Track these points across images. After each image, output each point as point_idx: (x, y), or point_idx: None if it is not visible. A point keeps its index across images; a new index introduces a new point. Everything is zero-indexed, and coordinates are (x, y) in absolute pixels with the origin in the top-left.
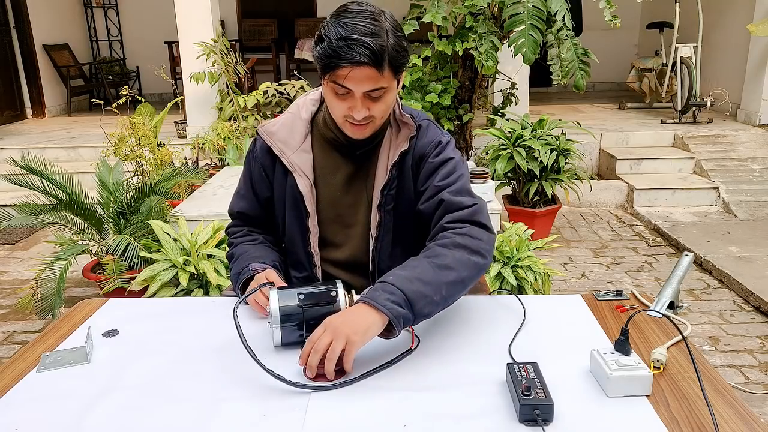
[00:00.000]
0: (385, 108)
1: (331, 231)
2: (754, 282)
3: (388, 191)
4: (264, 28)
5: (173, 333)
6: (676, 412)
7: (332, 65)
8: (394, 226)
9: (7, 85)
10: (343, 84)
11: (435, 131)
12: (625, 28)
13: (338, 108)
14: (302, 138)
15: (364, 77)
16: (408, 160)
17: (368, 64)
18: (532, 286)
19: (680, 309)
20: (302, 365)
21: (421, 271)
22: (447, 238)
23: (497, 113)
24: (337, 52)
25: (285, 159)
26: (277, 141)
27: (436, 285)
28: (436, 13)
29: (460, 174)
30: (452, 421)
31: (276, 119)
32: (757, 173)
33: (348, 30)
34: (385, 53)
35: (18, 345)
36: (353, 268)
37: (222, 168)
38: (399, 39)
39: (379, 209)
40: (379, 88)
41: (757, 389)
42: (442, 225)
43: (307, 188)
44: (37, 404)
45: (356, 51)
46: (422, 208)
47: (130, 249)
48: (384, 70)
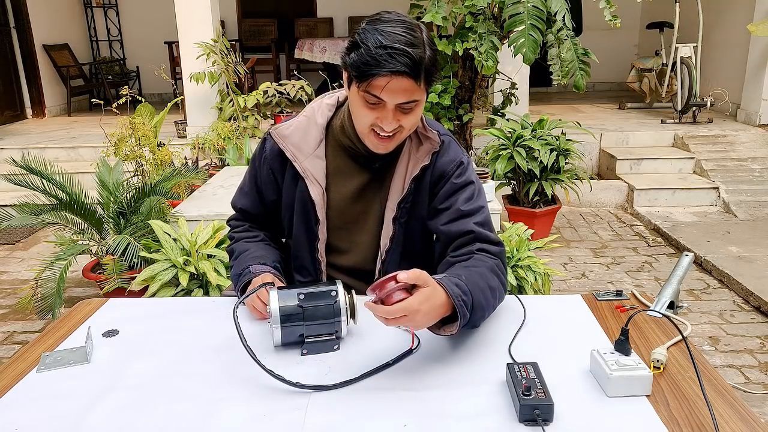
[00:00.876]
0: (415, 121)
1: (337, 237)
2: (754, 282)
3: (404, 204)
4: (264, 28)
5: (173, 333)
6: (676, 412)
7: (370, 73)
8: (404, 239)
9: (7, 85)
10: (379, 95)
11: (456, 150)
12: (625, 28)
13: (366, 118)
14: (316, 143)
15: (400, 89)
16: (427, 176)
17: (408, 74)
18: (532, 286)
19: (680, 309)
20: (371, 294)
21: (483, 284)
22: (486, 261)
23: (497, 113)
24: (378, 60)
25: (297, 164)
26: (289, 145)
27: (486, 299)
28: (436, 13)
29: (482, 204)
30: (452, 421)
31: (289, 122)
32: (757, 173)
33: (388, 39)
34: (423, 65)
35: (18, 345)
36: (357, 274)
37: (222, 168)
38: (434, 53)
39: (394, 222)
40: (413, 101)
41: (757, 389)
42: (473, 250)
43: (319, 196)
44: (37, 404)
45: (398, 60)
46: (443, 228)
47: (130, 249)
48: (420, 83)
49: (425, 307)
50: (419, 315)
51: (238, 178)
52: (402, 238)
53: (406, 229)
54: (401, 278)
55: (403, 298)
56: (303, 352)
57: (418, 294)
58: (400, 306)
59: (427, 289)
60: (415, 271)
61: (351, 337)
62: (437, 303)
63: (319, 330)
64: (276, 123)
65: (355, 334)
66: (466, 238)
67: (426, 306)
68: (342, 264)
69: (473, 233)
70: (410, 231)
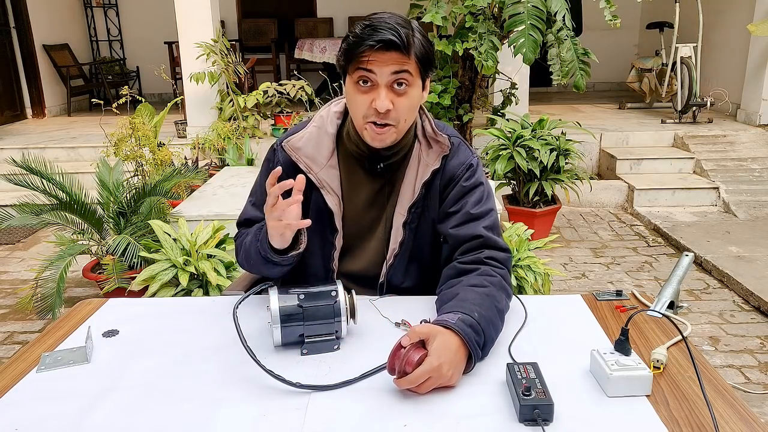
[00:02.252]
0: (409, 106)
1: (349, 245)
2: (754, 282)
3: (415, 209)
4: (264, 28)
5: (173, 333)
6: (676, 412)
7: (357, 48)
8: (413, 244)
9: (7, 85)
10: (368, 68)
11: (466, 152)
12: (625, 28)
13: (360, 105)
14: (329, 153)
15: (389, 59)
16: (437, 180)
17: (394, 44)
18: (532, 286)
19: (680, 309)
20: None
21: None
22: (493, 277)
23: (497, 113)
24: (362, 37)
25: (313, 176)
26: (303, 157)
27: (496, 331)
28: (436, 13)
29: (492, 207)
30: (452, 421)
31: (300, 133)
32: (757, 173)
33: (374, 21)
34: (411, 40)
35: (18, 345)
36: (363, 280)
37: (222, 168)
38: (425, 40)
39: (404, 227)
40: (403, 70)
41: (757, 389)
42: (480, 258)
43: (336, 206)
44: (37, 404)
45: (382, 32)
46: (452, 231)
47: (130, 249)
48: (410, 56)
49: (445, 359)
50: (444, 368)
51: (238, 178)
52: (411, 244)
53: (416, 234)
54: (405, 342)
55: (421, 356)
56: (303, 352)
57: (431, 351)
58: (421, 371)
59: (436, 342)
60: (414, 330)
61: (351, 337)
62: (453, 348)
63: (319, 330)
64: (276, 123)
65: (355, 334)
66: (474, 243)
67: (445, 357)
68: (349, 270)
69: (482, 238)
70: (420, 236)
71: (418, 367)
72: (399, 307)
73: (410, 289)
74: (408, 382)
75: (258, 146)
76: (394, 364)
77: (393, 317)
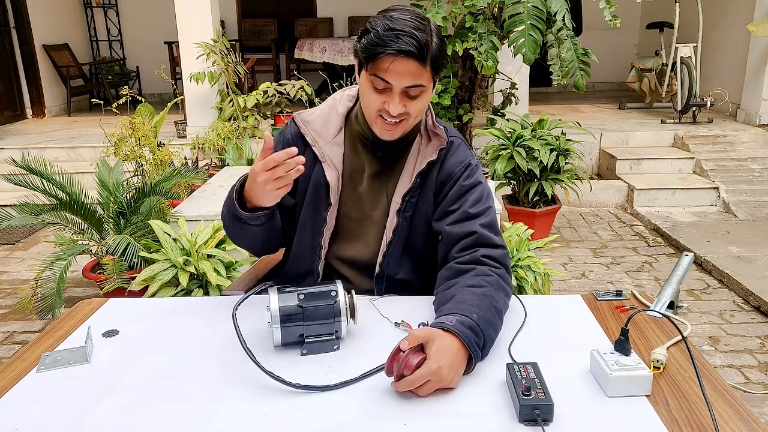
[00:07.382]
0: (421, 108)
1: (346, 227)
2: (754, 282)
3: (410, 198)
4: (264, 28)
5: (173, 333)
6: (676, 412)
7: (377, 53)
8: (408, 234)
9: (7, 85)
10: (385, 77)
11: (465, 151)
12: (625, 28)
13: (373, 102)
14: (336, 131)
15: (406, 71)
16: (434, 172)
17: (413, 55)
18: (532, 286)
19: (680, 309)
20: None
21: (492, 316)
22: (490, 276)
23: (497, 113)
24: (384, 40)
25: (317, 149)
26: (311, 130)
27: (495, 330)
28: (436, 13)
29: (490, 205)
30: (452, 421)
31: (313, 109)
32: (757, 173)
33: (396, 23)
34: (429, 49)
35: (18, 345)
36: (359, 267)
37: (222, 168)
38: (441, 42)
39: (398, 214)
40: (418, 84)
41: (757, 389)
42: (477, 257)
43: (334, 180)
44: (37, 404)
45: (403, 41)
46: (448, 228)
47: (130, 249)
48: (426, 66)
49: (445, 361)
50: (444, 371)
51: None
52: (405, 233)
53: (410, 224)
54: (404, 346)
55: (420, 359)
56: (303, 353)
57: (430, 355)
58: (420, 373)
59: (435, 345)
60: (413, 334)
61: (351, 337)
62: (453, 351)
63: (319, 330)
64: (276, 123)
65: (355, 334)
66: (469, 240)
67: (445, 359)
68: (344, 255)
69: (476, 234)
70: (414, 226)
71: (416, 370)
72: (399, 307)
73: (405, 281)
74: (407, 384)
75: (258, 146)
76: (392, 367)
77: (393, 317)
